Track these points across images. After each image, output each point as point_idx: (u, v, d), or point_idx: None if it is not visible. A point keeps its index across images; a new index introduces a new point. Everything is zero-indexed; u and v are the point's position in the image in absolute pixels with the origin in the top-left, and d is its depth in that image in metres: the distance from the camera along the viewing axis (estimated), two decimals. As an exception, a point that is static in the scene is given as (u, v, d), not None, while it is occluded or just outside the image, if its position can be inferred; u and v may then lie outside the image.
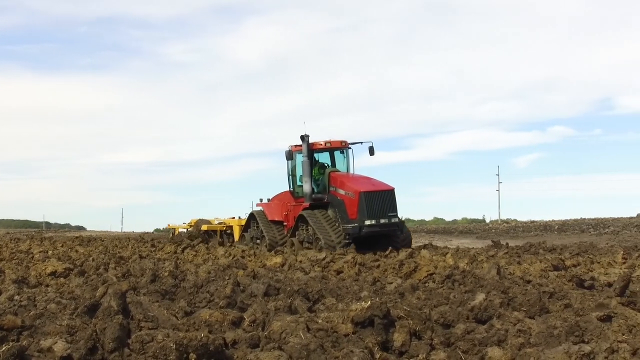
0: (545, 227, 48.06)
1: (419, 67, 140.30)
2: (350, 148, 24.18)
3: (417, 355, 6.04)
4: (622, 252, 18.17)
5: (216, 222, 29.62)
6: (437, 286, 10.74)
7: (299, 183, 24.24)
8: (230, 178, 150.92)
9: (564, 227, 47.26)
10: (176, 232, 31.66)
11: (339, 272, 13.85)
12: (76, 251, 22.45)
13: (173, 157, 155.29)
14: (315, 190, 23.39)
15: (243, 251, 20.71)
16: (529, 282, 10.97)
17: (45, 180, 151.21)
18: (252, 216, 26.25)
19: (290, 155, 23.66)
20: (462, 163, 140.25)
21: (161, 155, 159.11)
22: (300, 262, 16.12)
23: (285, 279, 11.33)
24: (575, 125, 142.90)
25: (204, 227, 28.89)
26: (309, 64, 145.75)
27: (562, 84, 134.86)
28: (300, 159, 23.77)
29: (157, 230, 77.58)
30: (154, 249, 24.46)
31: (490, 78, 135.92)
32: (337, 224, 21.81)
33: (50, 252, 21.28)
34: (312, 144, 23.26)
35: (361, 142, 24.08)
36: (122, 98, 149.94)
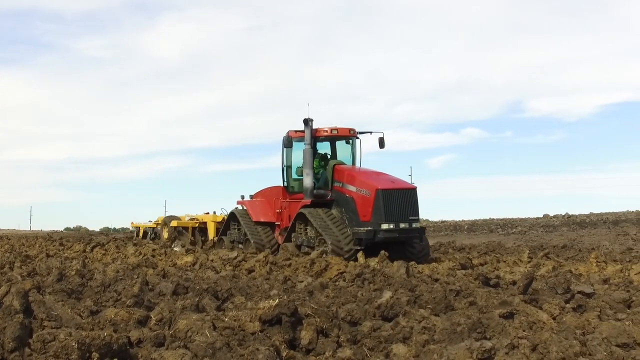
0: (456, 227, 49.05)
1: (336, 67, 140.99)
2: (358, 138, 20.52)
3: (324, 353, 6.08)
4: (527, 252, 18.69)
5: (188, 218, 26.68)
6: (347, 285, 10.81)
7: (294, 176, 20.73)
8: (144, 176, 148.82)
9: (473, 227, 48.32)
10: (141, 232, 29.19)
11: (250, 271, 13.83)
12: (-20, 250, 21.82)
13: (85, 154, 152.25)
14: (315, 185, 19.66)
15: (154, 250, 20.22)
16: (436, 280, 11.15)
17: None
18: (232, 216, 22.77)
19: (289, 142, 20.10)
20: (376, 163, 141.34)
21: (73, 152, 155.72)
22: (212, 261, 16.04)
23: (195, 277, 11.26)
24: (487, 128, 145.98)
25: (173, 224, 25.85)
26: (226, 62, 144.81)
27: (475, 87, 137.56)
28: (298, 147, 20.38)
29: (67, 228, 76.08)
30: (62, 247, 23.94)
31: (406, 79, 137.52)
32: (343, 226, 18.29)
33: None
34: (315, 130, 19.67)
35: (370, 132, 20.64)
36: (33, 93, 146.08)
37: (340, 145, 20.89)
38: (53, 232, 48.33)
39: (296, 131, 19.93)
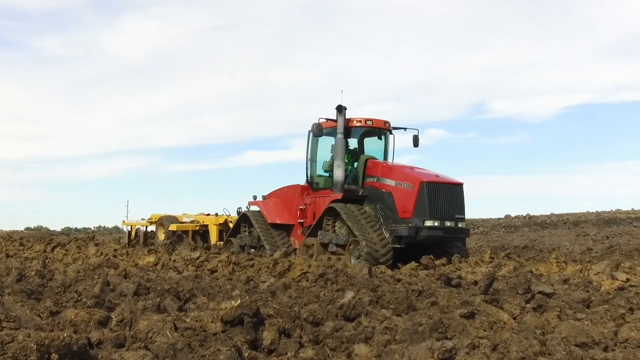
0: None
1: (300, 67, 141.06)
2: (391, 132, 18.94)
3: (286, 353, 6.07)
4: (489, 252, 18.79)
5: (185, 219, 24.81)
6: (310, 285, 10.82)
7: (319, 172, 19.12)
8: (106, 176, 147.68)
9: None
10: (133, 231, 26.81)
11: (213, 272, 13.78)
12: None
13: (46, 153, 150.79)
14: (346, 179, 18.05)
15: (115, 250, 20.06)
16: (399, 280, 11.21)
17: None
18: (243, 218, 20.84)
19: (319, 131, 18.19)
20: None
21: (33, 151, 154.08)
22: (174, 261, 15.96)
23: (157, 278, 11.18)
24: (451, 129, 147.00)
25: (172, 227, 23.78)
26: (190, 61, 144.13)
27: (439, 88, 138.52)
28: (323, 140, 18.99)
29: (27, 228, 75.22)
30: (22, 247, 23.64)
31: (370, 80, 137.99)
32: (378, 227, 16.74)
33: None
34: (348, 120, 17.97)
35: (404, 128, 19.11)
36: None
37: (370, 140, 19.22)
38: (13, 232, 47.65)
39: (327, 119, 18.16)
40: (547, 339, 6.10)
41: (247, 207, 21.41)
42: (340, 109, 17.61)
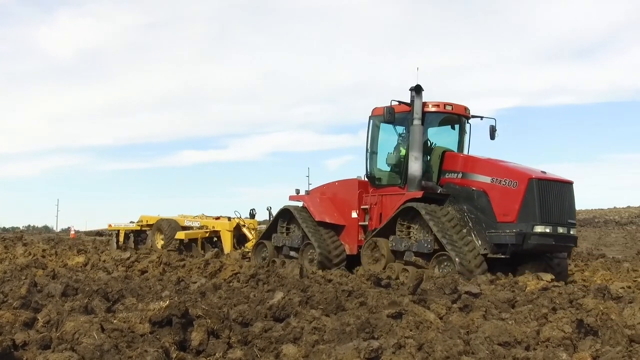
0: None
1: (234, 67, 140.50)
2: (469, 122, 16.31)
3: (214, 354, 6.08)
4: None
5: (187, 222, 21.80)
6: (242, 285, 10.83)
7: (379, 166, 16.39)
8: (34, 175, 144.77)
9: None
10: (121, 236, 23.56)
11: (143, 272, 13.69)
12: None
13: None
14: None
15: (44, 250, 19.64)
16: (330, 281, 11.29)
17: None
18: (283, 214, 17.77)
19: (391, 116, 15.18)
20: (275, 164, 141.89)
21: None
22: (104, 261, 15.78)
23: (86, 278, 11.06)
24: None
25: (180, 236, 20.64)
26: (122, 59, 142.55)
27: (373, 89, 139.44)
28: (386, 130, 16.37)
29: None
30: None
31: (304, 80, 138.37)
32: (465, 231, 14.01)
33: None
34: (424, 104, 15.15)
35: (481, 117, 16.47)
36: None
37: (439, 129, 16.43)
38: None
39: (400, 102, 15.33)
40: (471, 339, 6.23)
41: (264, 210, 19.16)
42: (419, 90, 14.84)
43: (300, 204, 17.57)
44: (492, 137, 16.36)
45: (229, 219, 20.60)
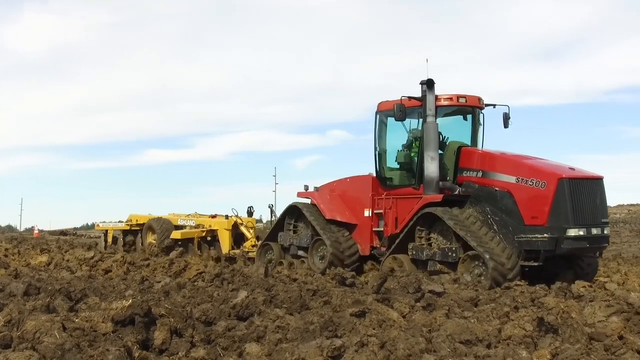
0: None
1: (204, 65, 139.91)
2: (482, 112, 14.99)
3: (177, 353, 6.07)
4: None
5: (181, 221, 20.48)
6: (206, 285, 10.81)
7: (389, 164, 15.30)
8: (0, 173, 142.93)
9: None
10: (109, 235, 22.32)
11: (107, 271, 13.61)
12: None
13: None
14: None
15: (6, 250, 19.34)
16: (295, 280, 11.32)
17: None
18: (291, 211, 16.52)
19: (402, 113, 14.05)
20: (242, 163, 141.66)
21: None
22: (68, 261, 15.67)
23: (48, 278, 10.99)
24: (352, 130, 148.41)
25: (176, 235, 19.38)
26: (91, 57, 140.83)
27: (342, 89, 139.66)
28: (394, 127, 15.15)
29: None
30: None
31: (274, 80, 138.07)
32: (494, 235, 12.87)
33: None
34: (436, 97, 13.91)
35: (494, 105, 15.12)
36: None
37: (450, 121, 15.17)
38: None
39: (410, 98, 14.11)
40: (433, 337, 6.29)
41: (265, 207, 17.82)
42: (431, 84, 13.70)
43: (308, 201, 16.47)
44: (506, 125, 15.19)
45: (226, 217, 19.57)
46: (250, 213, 19.75)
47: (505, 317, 7.50)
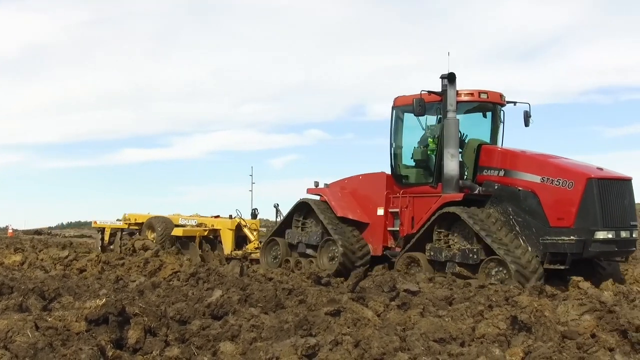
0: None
1: (181, 64, 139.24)
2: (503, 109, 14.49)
3: (151, 352, 6.06)
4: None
5: (182, 221, 19.50)
6: (182, 284, 10.77)
7: (405, 161, 14.69)
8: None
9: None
10: (107, 234, 20.67)
11: (81, 271, 13.54)
12: None
13: None
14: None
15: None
16: (270, 279, 11.32)
17: None
18: (301, 206, 15.79)
19: (422, 108, 13.40)
20: (219, 163, 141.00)
21: None
22: (42, 260, 15.55)
23: (22, 277, 10.91)
24: (329, 129, 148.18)
25: (177, 232, 18.29)
26: (67, 55, 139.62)
27: (320, 89, 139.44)
28: (410, 123, 14.58)
29: None
30: None
31: (251, 79, 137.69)
32: (513, 235, 12.41)
33: None
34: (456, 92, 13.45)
35: (514, 103, 14.56)
36: None
37: (469, 118, 14.60)
38: None
39: (430, 92, 13.52)
40: (407, 335, 6.32)
41: (270, 207, 16.88)
42: (452, 78, 13.19)
43: (317, 198, 15.82)
44: (527, 123, 14.65)
45: (230, 217, 18.78)
46: (254, 215, 19.21)
47: (479, 316, 7.53)
